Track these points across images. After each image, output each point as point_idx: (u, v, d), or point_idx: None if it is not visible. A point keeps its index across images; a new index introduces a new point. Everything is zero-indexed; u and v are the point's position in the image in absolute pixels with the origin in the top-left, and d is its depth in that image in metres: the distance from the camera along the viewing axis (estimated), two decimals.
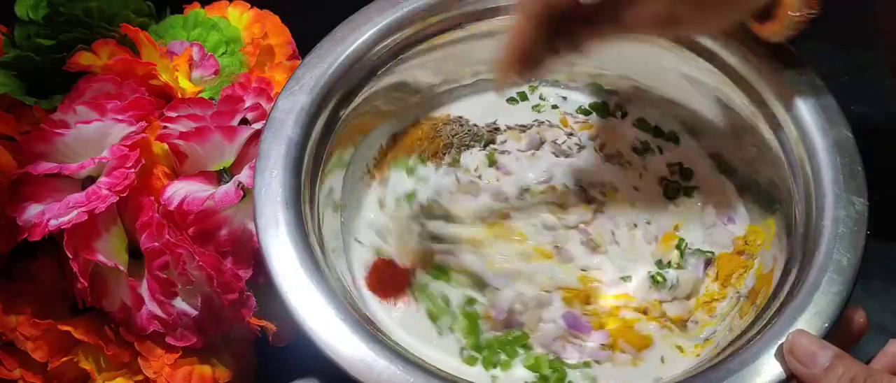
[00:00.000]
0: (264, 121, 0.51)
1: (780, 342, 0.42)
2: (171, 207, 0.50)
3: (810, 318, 0.43)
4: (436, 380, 0.42)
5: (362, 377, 0.42)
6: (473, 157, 0.58)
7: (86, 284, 0.49)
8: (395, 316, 0.53)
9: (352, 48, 0.53)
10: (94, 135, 0.51)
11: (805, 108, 0.50)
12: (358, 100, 0.54)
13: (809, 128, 0.49)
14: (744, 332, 0.45)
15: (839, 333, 0.44)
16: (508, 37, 0.47)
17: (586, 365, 0.51)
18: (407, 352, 0.44)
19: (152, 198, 0.51)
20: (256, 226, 0.46)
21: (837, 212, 0.46)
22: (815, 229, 0.46)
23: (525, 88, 0.62)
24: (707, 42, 0.54)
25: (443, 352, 0.51)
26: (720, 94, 0.55)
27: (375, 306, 0.53)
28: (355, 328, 0.43)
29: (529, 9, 0.46)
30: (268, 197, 0.47)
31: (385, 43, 0.54)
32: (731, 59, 0.53)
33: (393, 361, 0.42)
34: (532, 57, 0.47)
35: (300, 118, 0.50)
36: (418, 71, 0.58)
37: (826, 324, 0.43)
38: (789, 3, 0.47)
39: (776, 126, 0.52)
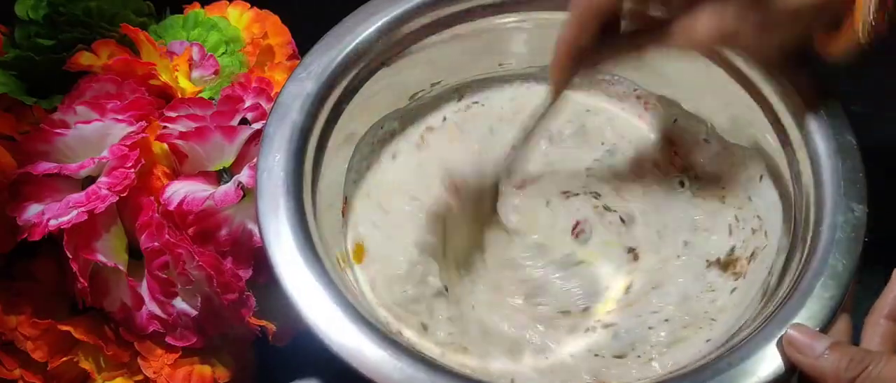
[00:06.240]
0: (265, 120, 0.51)
1: (769, 345, 0.42)
2: (171, 207, 0.50)
3: (802, 323, 0.43)
4: (432, 371, 0.42)
5: (355, 363, 0.42)
6: None
7: (86, 284, 0.49)
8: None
9: (361, 37, 0.53)
10: (94, 135, 0.51)
11: (809, 111, 0.50)
12: (365, 89, 0.54)
13: (812, 132, 0.49)
14: (736, 333, 0.46)
15: None
16: (558, 37, 0.47)
17: None
18: (402, 340, 0.44)
19: (152, 198, 0.51)
20: (257, 209, 0.46)
21: (836, 217, 0.46)
22: (813, 234, 0.46)
23: None
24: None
25: None
26: (725, 93, 0.55)
27: (373, 300, 0.53)
28: (350, 315, 0.43)
29: (581, 9, 0.46)
30: (270, 181, 0.47)
31: (393, 33, 0.54)
32: (737, 60, 0.53)
33: (387, 349, 0.42)
34: (578, 59, 0.47)
35: (306, 104, 0.50)
36: (426, 63, 0.57)
37: (817, 329, 0.43)
38: (861, 3, 0.42)
39: (779, 128, 0.52)
